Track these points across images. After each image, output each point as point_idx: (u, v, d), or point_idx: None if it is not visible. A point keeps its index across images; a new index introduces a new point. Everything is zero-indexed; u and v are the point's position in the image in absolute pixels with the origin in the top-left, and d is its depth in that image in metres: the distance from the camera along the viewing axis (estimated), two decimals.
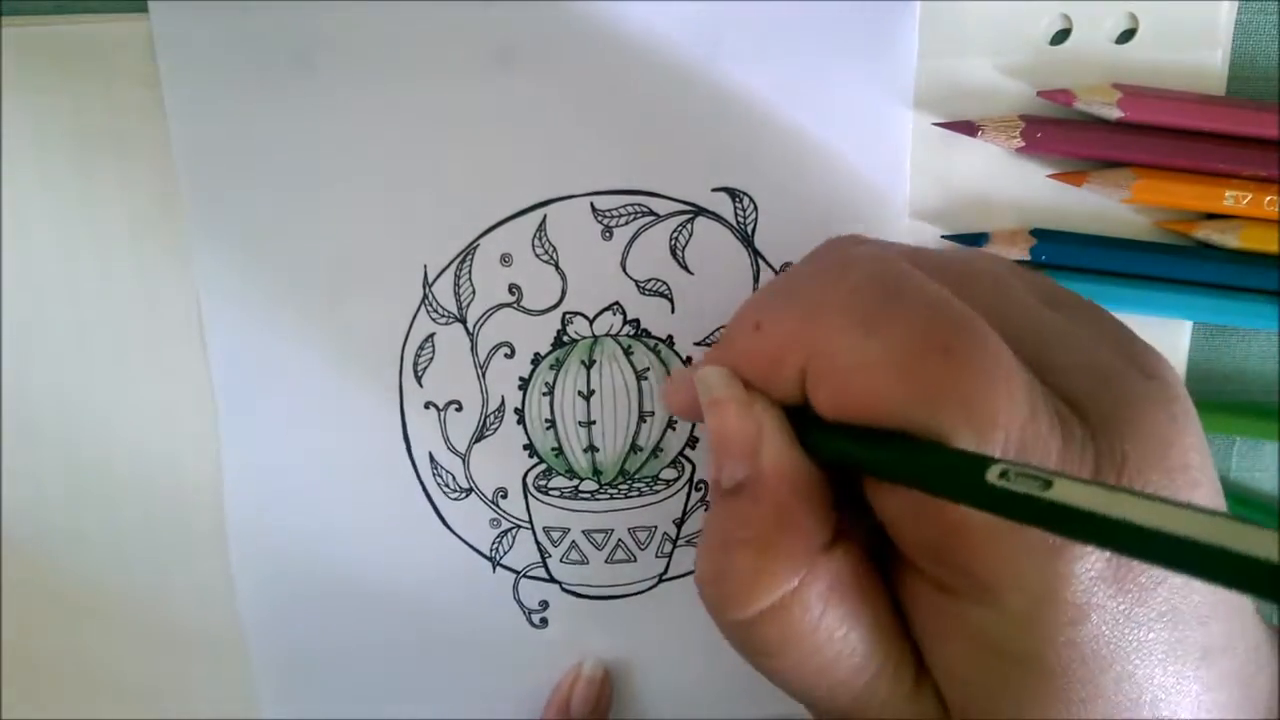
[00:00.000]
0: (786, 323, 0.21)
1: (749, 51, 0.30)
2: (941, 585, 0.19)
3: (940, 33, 0.30)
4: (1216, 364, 0.32)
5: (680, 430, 0.33)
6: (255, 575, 0.33)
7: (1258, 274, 0.30)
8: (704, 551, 0.21)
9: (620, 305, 0.32)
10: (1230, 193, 0.29)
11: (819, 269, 0.22)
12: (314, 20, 0.29)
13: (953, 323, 0.19)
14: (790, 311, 0.21)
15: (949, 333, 0.19)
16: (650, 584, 0.34)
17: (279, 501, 0.33)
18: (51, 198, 0.31)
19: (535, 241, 0.31)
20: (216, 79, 0.30)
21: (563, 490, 0.33)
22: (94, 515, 0.33)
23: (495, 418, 0.32)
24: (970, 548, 0.18)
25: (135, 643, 0.34)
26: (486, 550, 0.33)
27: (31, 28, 0.30)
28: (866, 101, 0.30)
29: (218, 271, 0.31)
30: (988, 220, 0.31)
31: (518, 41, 0.30)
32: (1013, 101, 0.30)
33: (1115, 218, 0.31)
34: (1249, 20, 0.30)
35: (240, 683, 0.34)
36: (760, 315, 0.22)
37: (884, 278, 0.20)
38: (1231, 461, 0.33)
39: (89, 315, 0.32)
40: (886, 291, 0.20)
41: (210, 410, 0.32)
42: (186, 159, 0.30)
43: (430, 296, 0.31)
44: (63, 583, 0.33)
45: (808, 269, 0.22)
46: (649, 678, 0.34)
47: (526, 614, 0.34)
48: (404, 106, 0.30)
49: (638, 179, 0.31)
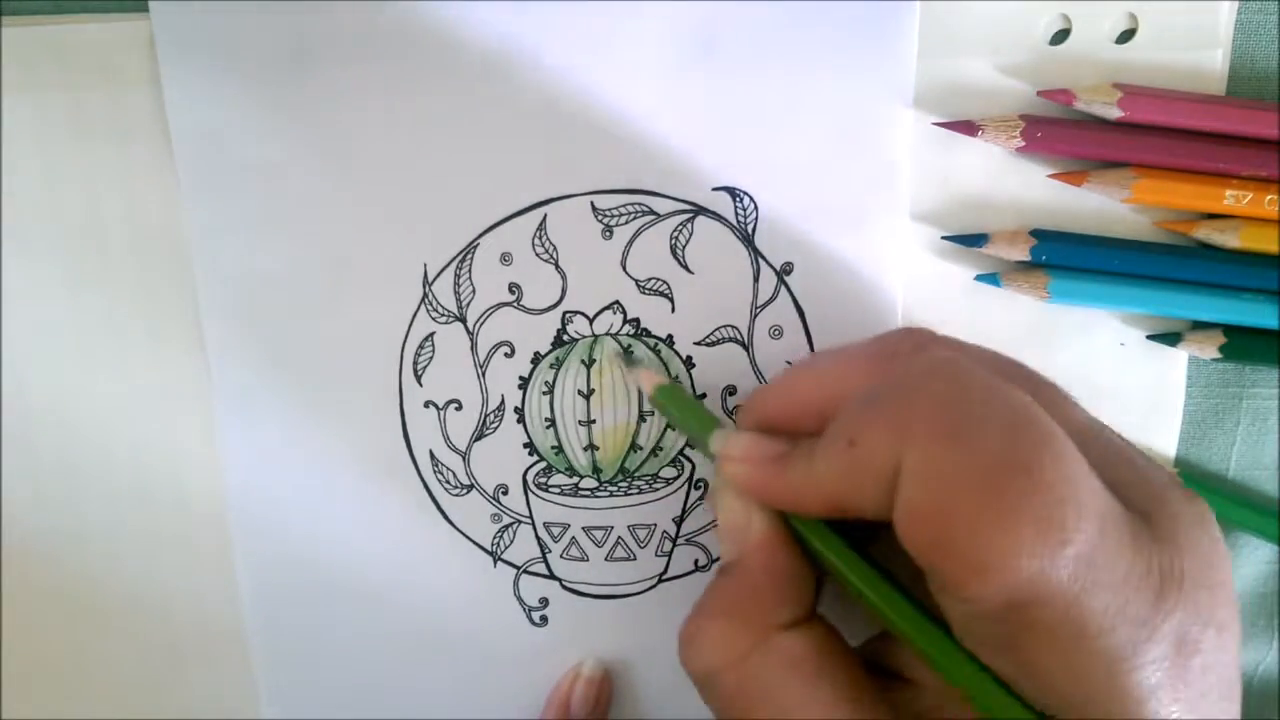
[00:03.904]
0: (878, 440, 0.21)
1: (749, 51, 0.30)
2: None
3: (940, 33, 0.30)
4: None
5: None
6: (256, 574, 0.33)
7: (1258, 274, 0.30)
8: (690, 614, 0.25)
9: (620, 304, 0.32)
10: (1230, 193, 0.29)
11: (902, 377, 0.22)
12: (314, 20, 0.29)
13: (1035, 440, 0.20)
14: (880, 426, 0.21)
15: (1029, 450, 0.20)
16: (650, 584, 0.34)
17: (279, 500, 0.33)
18: (51, 198, 0.31)
19: (535, 240, 0.31)
20: (216, 79, 0.30)
21: (563, 488, 0.33)
22: (94, 516, 0.33)
23: (495, 416, 0.32)
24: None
25: (135, 643, 0.34)
26: (487, 545, 0.33)
27: (31, 28, 0.30)
28: (866, 101, 0.30)
29: (218, 271, 0.31)
30: (988, 220, 0.31)
31: (518, 41, 0.30)
32: (1013, 101, 0.30)
33: (1115, 218, 0.31)
34: (1249, 20, 0.30)
35: (240, 683, 0.34)
36: (852, 433, 0.22)
37: (969, 387, 0.21)
38: (1231, 461, 0.33)
39: (89, 315, 0.32)
40: (971, 402, 0.21)
41: (210, 410, 0.32)
42: (186, 158, 0.30)
43: (430, 295, 0.31)
44: (63, 583, 0.33)
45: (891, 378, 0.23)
46: (649, 678, 0.34)
47: (527, 612, 0.34)
48: (404, 106, 0.30)
49: (638, 178, 0.31)
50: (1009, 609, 0.19)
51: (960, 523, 0.20)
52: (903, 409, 0.21)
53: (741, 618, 0.24)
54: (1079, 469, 0.20)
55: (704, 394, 0.32)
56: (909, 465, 0.21)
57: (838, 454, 0.22)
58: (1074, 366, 0.32)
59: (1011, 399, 0.21)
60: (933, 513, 0.20)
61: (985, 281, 0.31)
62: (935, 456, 0.20)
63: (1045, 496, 0.19)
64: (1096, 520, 0.19)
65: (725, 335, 0.32)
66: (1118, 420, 0.32)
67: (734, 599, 0.24)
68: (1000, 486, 0.19)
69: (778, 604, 0.24)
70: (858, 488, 0.22)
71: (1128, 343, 0.32)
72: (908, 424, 0.21)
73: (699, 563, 0.34)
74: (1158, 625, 0.19)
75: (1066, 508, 0.19)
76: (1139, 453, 0.23)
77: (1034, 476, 0.19)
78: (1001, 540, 0.19)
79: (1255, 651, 0.35)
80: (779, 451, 0.24)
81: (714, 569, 0.26)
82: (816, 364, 0.26)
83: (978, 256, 0.31)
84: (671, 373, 0.32)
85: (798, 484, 0.23)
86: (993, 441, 0.20)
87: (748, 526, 0.24)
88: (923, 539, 0.20)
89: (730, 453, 0.25)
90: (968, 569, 0.19)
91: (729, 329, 0.32)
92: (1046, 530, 0.19)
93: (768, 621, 0.23)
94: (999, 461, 0.20)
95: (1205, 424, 0.33)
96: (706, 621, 0.24)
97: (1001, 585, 0.19)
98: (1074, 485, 0.19)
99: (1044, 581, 0.19)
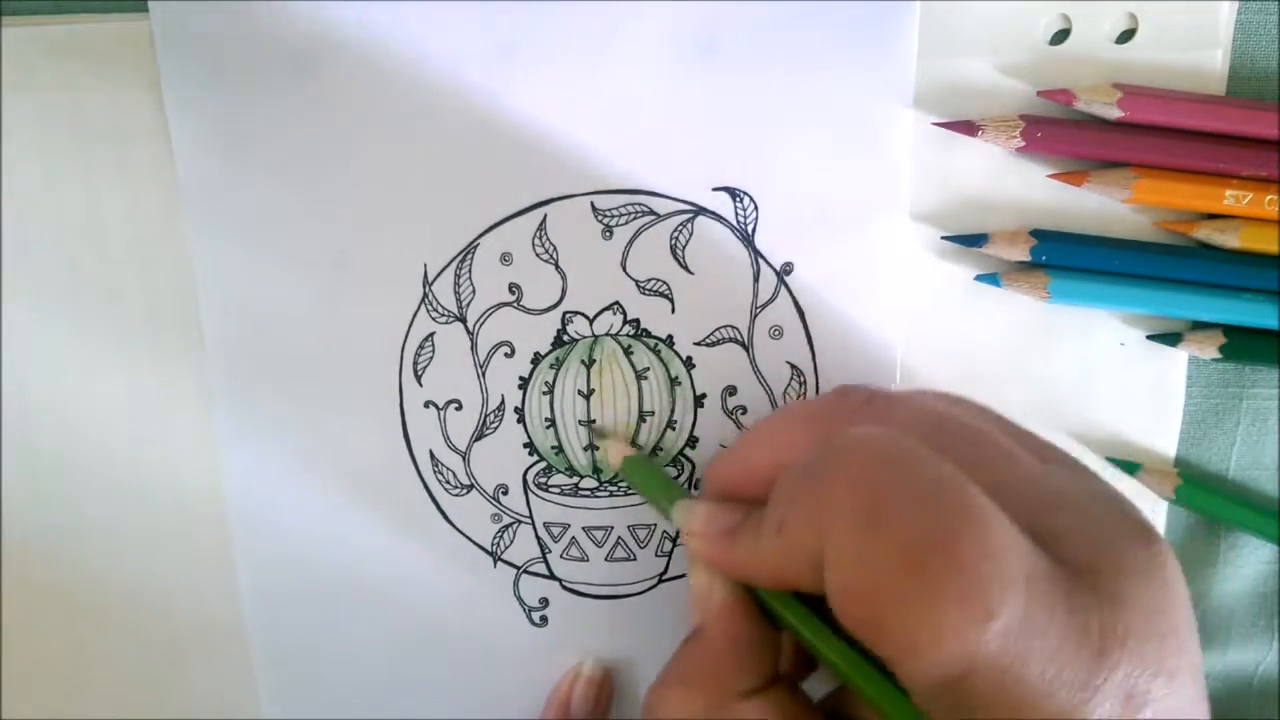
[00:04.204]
0: (801, 527, 0.22)
1: (749, 51, 0.30)
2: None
3: (940, 33, 0.30)
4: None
5: (680, 429, 0.33)
6: (256, 573, 0.33)
7: (1258, 274, 0.30)
8: (654, 682, 0.25)
9: (620, 305, 0.32)
10: (1230, 193, 0.29)
11: (826, 455, 0.22)
12: (314, 20, 0.29)
13: (953, 518, 0.20)
14: (802, 513, 0.22)
15: (948, 529, 0.20)
16: (650, 584, 0.34)
17: (279, 500, 0.33)
18: (51, 197, 0.31)
19: (535, 241, 0.31)
20: (216, 79, 0.30)
21: (563, 488, 0.33)
22: (94, 514, 0.33)
23: (495, 417, 0.32)
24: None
25: (135, 641, 0.34)
26: (487, 545, 0.33)
27: (31, 28, 0.30)
28: (866, 101, 0.30)
29: (218, 271, 0.31)
30: (988, 220, 0.31)
31: (518, 41, 0.30)
32: (1013, 101, 0.30)
33: (1115, 218, 0.31)
34: (1249, 20, 0.30)
35: (240, 681, 0.34)
36: (780, 515, 0.23)
37: (886, 466, 0.21)
38: (1231, 461, 0.33)
39: (89, 315, 0.32)
40: (888, 484, 0.21)
41: (210, 409, 0.32)
42: (186, 158, 0.30)
43: (430, 295, 0.31)
44: (62, 581, 0.33)
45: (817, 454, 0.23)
46: (649, 678, 0.34)
47: (527, 612, 0.34)
48: (404, 106, 0.30)
49: (638, 179, 0.31)
50: (947, 681, 0.19)
51: (886, 605, 0.20)
52: (821, 495, 0.22)
53: (701, 686, 0.24)
54: (1004, 539, 0.20)
55: (704, 394, 0.32)
56: (830, 552, 0.21)
57: (771, 536, 0.23)
58: (1074, 366, 0.32)
59: (931, 475, 0.21)
60: (858, 596, 0.21)
61: (985, 281, 0.31)
62: (853, 544, 0.21)
63: (967, 575, 0.19)
64: (1022, 591, 0.19)
65: (725, 335, 0.32)
66: (1118, 420, 0.32)
67: (695, 667, 0.25)
68: (919, 568, 0.19)
69: (737, 671, 0.24)
70: (793, 568, 0.23)
71: (1128, 343, 0.32)
72: (826, 511, 0.21)
73: None
74: (1098, 686, 0.19)
75: (990, 584, 0.19)
76: (1099, 494, 0.22)
77: (953, 555, 0.19)
78: (927, 621, 0.19)
79: (1255, 651, 0.35)
80: (732, 524, 0.25)
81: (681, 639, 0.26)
82: (765, 428, 0.26)
83: (978, 256, 0.31)
84: (671, 373, 0.32)
85: (745, 559, 0.24)
86: (910, 524, 0.20)
87: (709, 594, 0.25)
88: (854, 619, 0.21)
89: (691, 527, 0.26)
90: (899, 649, 0.20)
91: (729, 329, 0.32)
92: (969, 607, 0.19)
93: (725, 689, 0.24)
94: (916, 543, 0.20)
95: (1205, 424, 0.33)
96: (668, 690, 0.25)
97: (933, 663, 0.19)
98: (997, 559, 0.19)
99: (974, 657, 0.19)
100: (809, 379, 0.32)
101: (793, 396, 0.32)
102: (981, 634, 0.19)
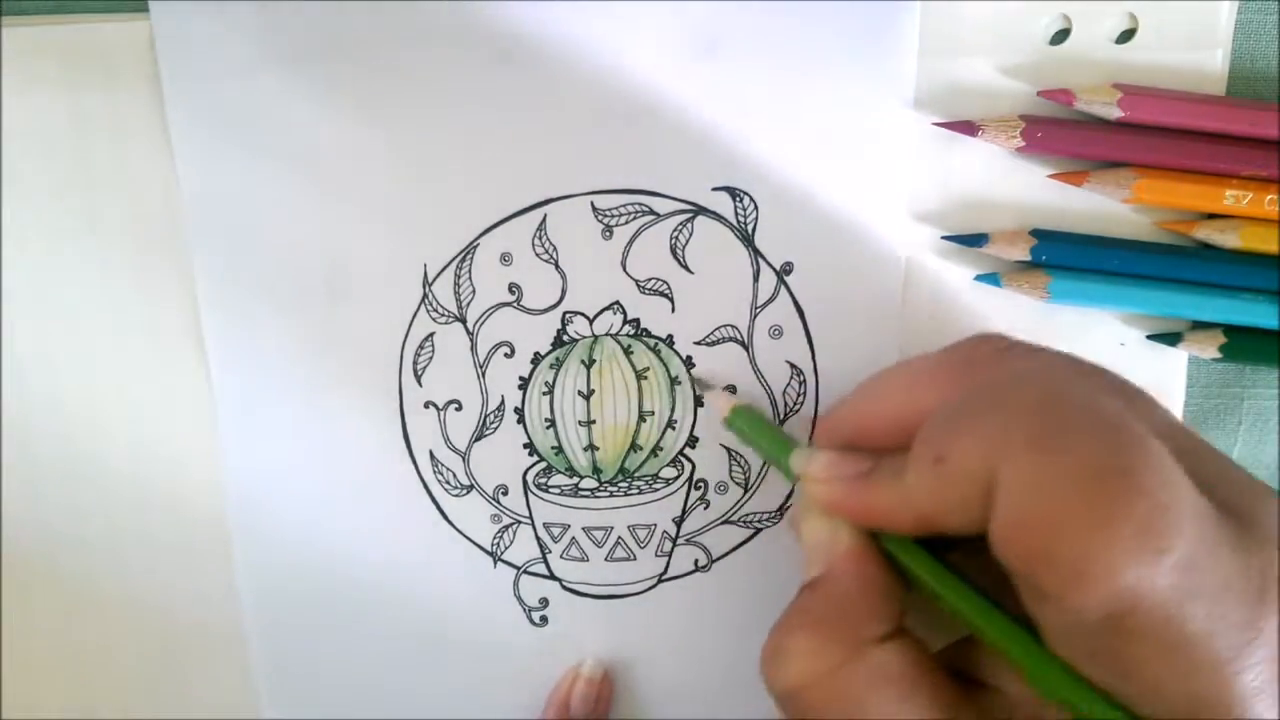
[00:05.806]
0: (969, 455, 0.21)
1: (749, 51, 0.30)
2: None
3: (940, 33, 0.30)
4: None
5: (680, 429, 0.33)
6: (256, 574, 0.33)
7: (1258, 274, 0.30)
8: (771, 631, 0.24)
9: (620, 305, 0.32)
10: (1230, 193, 0.29)
11: (988, 388, 0.22)
12: (313, 19, 0.29)
13: (1132, 446, 0.20)
14: (971, 440, 0.21)
15: (1127, 456, 0.20)
16: (650, 584, 0.34)
17: (279, 500, 0.33)
18: (51, 198, 0.31)
19: (535, 241, 0.31)
20: (216, 79, 0.30)
21: (563, 488, 0.33)
22: (94, 516, 0.33)
23: (495, 417, 0.32)
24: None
25: (135, 643, 0.34)
26: (487, 545, 0.33)
27: (31, 28, 0.30)
28: (866, 101, 0.30)
29: (217, 270, 0.31)
30: (988, 220, 0.31)
31: (518, 41, 0.30)
32: (1013, 101, 0.30)
33: (1115, 218, 0.31)
34: (1249, 20, 0.30)
35: (240, 683, 0.34)
36: (940, 449, 0.22)
37: (1061, 395, 0.21)
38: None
39: (89, 316, 0.32)
40: (1065, 410, 0.21)
41: (210, 410, 0.32)
42: (186, 158, 0.30)
43: (430, 296, 0.31)
44: (62, 583, 0.33)
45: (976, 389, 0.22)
46: (649, 678, 0.34)
47: (527, 612, 0.34)
48: (404, 106, 0.30)
49: (638, 178, 0.31)
50: (1109, 618, 0.19)
51: (1061, 532, 0.19)
52: (994, 421, 0.21)
53: (831, 631, 0.23)
54: (1175, 474, 0.20)
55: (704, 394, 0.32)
56: (1006, 477, 0.20)
57: (925, 471, 0.22)
58: None
59: (1104, 406, 0.21)
60: (1033, 523, 0.20)
61: (985, 281, 0.31)
62: (1033, 467, 0.20)
63: (1145, 503, 0.19)
64: (1195, 526, 0.19)
65: (725, 335, 0.32)
66: None
67: (822, 612, 0.24)
68: (1100, 494, 0.19)
69: (869, 617, 0.23)
70: (948, 503, 0.22)
71: (1128, 343, 0.32)
72: (1001, 436, 0.21)
73: (699, 563, 0.34)
74: (1261, 627, 0.19)
75: (1166, 514, 0.19)
76: (1226, 456, 0.22)
77: (1133, 482, 0.19)
78: (1102, 548, 0.19)
79: None
80: (863, 469, 0.24)
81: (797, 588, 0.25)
82: (892, 378, 0.25)
83: (978, 256, 0.31)
84: (671, 373, 0.32)
85: (885, 501, 0.23)
86: (1090, 449, 0.20)
87: (834, 541, 0.24)
88: (1023, 550, 0.20)
89: (814, 472, 0.25)
90: (1069, 579, 0.19)
91: (729, 329, 0.32)
92: (1146, 537, 0.19)
93: (860, 635, 0.23)
94: (1098, 469, 0.19)
95: (1205, 424, 0.33)
96: (793, 636, 0.23)
97: (1104, 594, 0.19)
98: (1172, 490, 0.19)
99: (1145, 590, 0.19)
100: (809, 378, 0.32)
101: (792, 396, 0.32)
102: (1156, 565, 0.19)
